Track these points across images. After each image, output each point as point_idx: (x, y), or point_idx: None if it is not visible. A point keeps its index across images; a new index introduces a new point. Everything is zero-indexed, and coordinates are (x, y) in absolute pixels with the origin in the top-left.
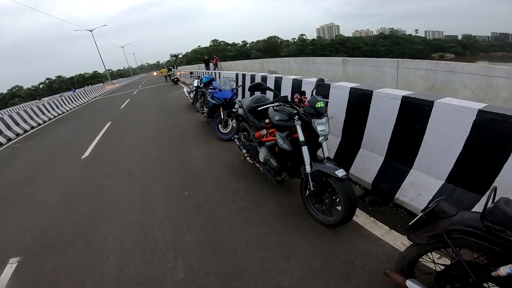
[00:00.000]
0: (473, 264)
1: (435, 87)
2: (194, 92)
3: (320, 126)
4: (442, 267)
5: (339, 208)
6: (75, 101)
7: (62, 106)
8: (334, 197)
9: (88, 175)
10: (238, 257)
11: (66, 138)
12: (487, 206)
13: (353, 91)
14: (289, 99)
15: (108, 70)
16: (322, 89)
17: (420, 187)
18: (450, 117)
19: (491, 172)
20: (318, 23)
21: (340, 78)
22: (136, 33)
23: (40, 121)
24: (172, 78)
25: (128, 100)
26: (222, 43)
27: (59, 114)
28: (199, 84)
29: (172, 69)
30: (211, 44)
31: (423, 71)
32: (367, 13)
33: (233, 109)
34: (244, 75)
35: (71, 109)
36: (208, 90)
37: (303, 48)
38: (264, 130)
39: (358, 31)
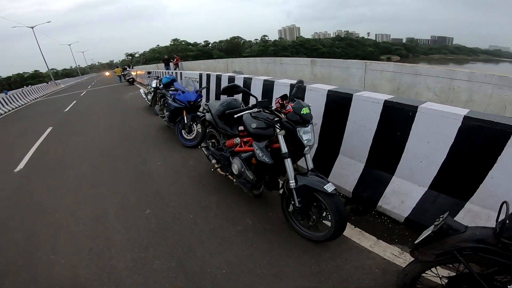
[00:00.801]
0: (482, 275)
1: (400, 89)
2: (152, 94)
3: (305, 135)
4: (446, 280)
5: (327, 222)
6: (9, 104)
7: None
8: (321, 212)
9: (23, 193)
10: (220, 284)
11: None
12: (500, 221)
13: (331, 94)
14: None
15: (52, 69)
16: (297, 91)
17: (403, 195)
18: (434, 123)
19: (476, 179)
20: (280, 24)
21: (308, 79)
22: (88, 32)
23: None
24: (127, 78)
25: (74, 102)
26: (183, 43)
27: None
28: (158, 85)
29: (128, 69)
30: (172, 43)
31: (390, 73)
32: (326, 16)
33: (198, 113)
34: (208, 76)
35: (2, 114)
36: (169, 91)
37: (265, 48)
38: (238, 138)
39: (317, 33)
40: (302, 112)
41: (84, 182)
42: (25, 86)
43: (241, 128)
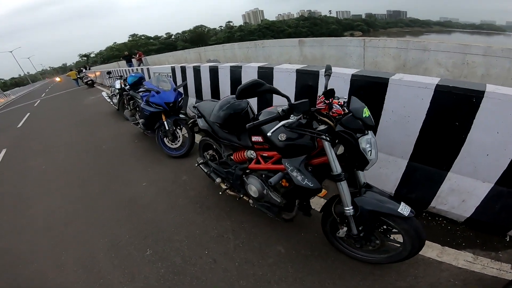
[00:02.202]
0: None
1: (406, 66)
2: (118, 96)
3: (369, 147)
4: None
5: (395, 244)
6: None
7: None
8: (387, 235)
9: None
10: None
11: None
12: None
13: (357, 79)
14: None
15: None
16: (327, 82)
17: (464, 193)
18: (505, 110)
19: None
20: (243, 9)
21: (297, 61)
22: (32, 36)
23: None
24: (86, 80)
25: (28, 114)
26: (142, 37)
27: None
28: (122, 86)
29: (84, 70)
30: (130, 39)
31: (393, 49)
32: None
33: (180, 116)
34: (183, 69)
35: None
36: (139, 93)
37: (231, 35)
38: (251, 152)
39: (281, 14)
40: (364, 115)
41: (56, 220)
42: None
43: (257, 138)
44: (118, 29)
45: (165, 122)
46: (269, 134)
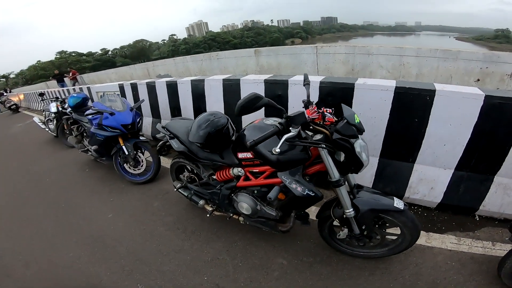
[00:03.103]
0: None
1: (354, 70)
2: (55, 121)
3: (362, 150)
4: None
5: (393, 236)
6: None
7: None
8: (385, 228)
9: None
10: None
11: None
12: None
13: (325, 86)
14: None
15: None
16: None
17: (430, 181)
18: (453, 104)
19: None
20: (186, 22)
21: (254, 71)
22: None
23: None
24: (8, 105)
25: None
26: (73, 54)
27: None
28: (60, 109)
29: (5, 94)
30: (58, 56)
31: (343, 55)
32: (231, 7)
33: (140, 138)
34: (135, 85)
35: None
36: (86, 116)
37: (176, 48)
38: (238, 169)
39: (225, 26)
40: (356, 121)
41: (11, 265)
42: None
43: (244, 155)
44: (41, 47)
45: (123, 147)
46: (277, 150)
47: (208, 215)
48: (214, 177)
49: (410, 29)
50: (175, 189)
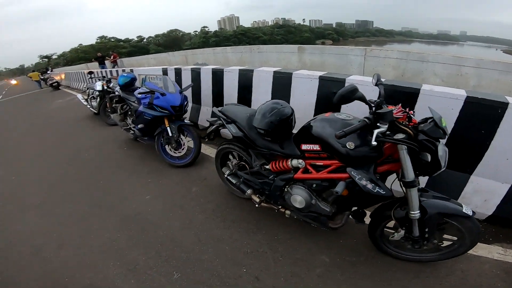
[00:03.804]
0: None
1: (404, 76)
2: (98, 99)
3: (443, 154)
4: None
5: (449, 241)
6: None
7: None
8: (443, 234)
9: None
10: None
11: None
12: None
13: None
14: None
15: None
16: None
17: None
18: None
19: None
20: (219, 15)
21: (295, 67)
22: None
23: None
24: (50, 82)
25: None
26: (112, 40)
27: None
28: (105, 87)
29: (48, 71)
30: (98, 41)
31: (394, 60)
32: (263, 4)
33: (185, 121)
34: (179, 71)
35: None
36: (137, 95)
37: (206, 40)
38: (299, 161)
39: (256, 21)
40: (443, 125)
41: (46, 244)
42: None
43: (310, 147)
44: (83, 31)
45: (168, 128)
46: (374, 143)
47: (257, 205)
48: (267, 167)
49: (454, 39)
50: (226, 175)
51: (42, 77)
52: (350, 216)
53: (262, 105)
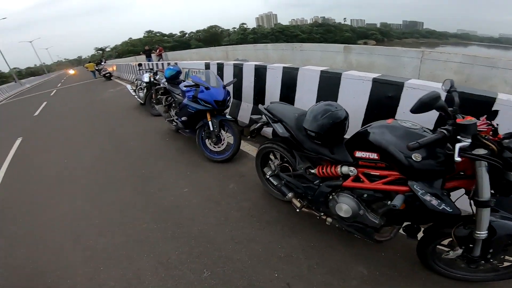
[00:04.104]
0: None
1: (469, 82)
2: (145, 90)
3: None
4: None
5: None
6: None
7: None
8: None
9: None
10: None
11: None
12: None
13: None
14: None
15: (15, 68)
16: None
17: None
18: None
19: None
20: (257, 12)
21: (340, 68)
22: (51, 28)
23: None
24: (104, 73)
25: (45, 103)
26: (158, 34)
27: None
28: (151, 79)
29: (102, 63)
30: (145, 35)
31: (456, 64)
32: (302, 2)
33: (227, 116)
34: (221, 66)
35: None
36: (183, 87)
37: (244, 37)
38: (351, 168)
39: (294, 19)
40: None
41: (87, 229)
42: None
43: (366, 154)
44: (133, 25)
45: (210, 122)
46: (458, 158)
47: (298, 210)
48: (312, 171)
49: None
50: (267, 176)
51: (96, 68)
52: (401, 230)
53: (314, 106)
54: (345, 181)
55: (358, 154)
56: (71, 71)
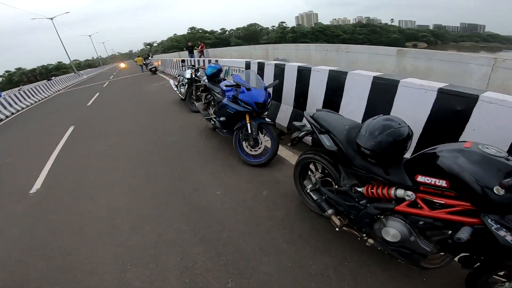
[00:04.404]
0: None
1: None
2: (186, 86)
3: None
4: None
5: None
6: (30, 97)
7: (18, 103)
8: None
9: (42, 230)
10: None
11: (13, 152)
12: None
13: None
14: None
15: (75, 60)
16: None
17: None
18: None
19: None
20: (297, 11)
21: (391, 72)
22: (107, 23)
23: None
24: (150, 67)
25: (97, 94)
26: (200, 31)
27: (12, 114)
28: (193, 76)
29: (149, 58)
30: (189, 31)
31: None
32: (344, 1)
33: (266, 119)
34: (262, 65)
35: (28, 106)
36: (223, 87)
37: (283, 35)
38: (406, 192)
39: (336, 19)
40: None
41: (121, 223)
42: (52, 77)
43: (432, 181)
44: (179, 21)
45: (248, 124)
46: (501, 191)
47: (337, 229)
48: (359, 189)
49: None
50: (307, 190)
51: (144, 62)
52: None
53: (371, 120)
54: (398, 205)
55: (421, 178)
56: (122, 65)
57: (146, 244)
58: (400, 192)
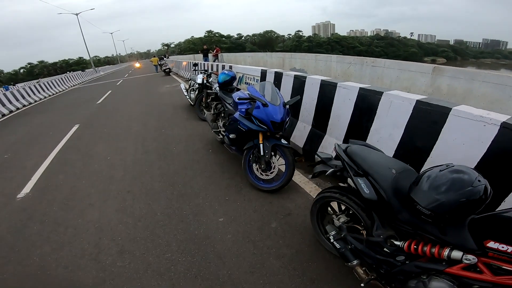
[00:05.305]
0: None
1: None
2: (196, 92)
3: None
4: None
5: None
6: (45, 90)
7: (32, 95)
8: None
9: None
10: None
11: (12, 148)
12: None
13: None
14: None
15: (95, 56)
16: None
17: None
18: None
19: None
20: (314, 20)
21: (422, 92)
22: (129, 21)
23: None
24: (164, 68)
25: (109, 92)
26: (217, 35)
27: (24, 106)
28: (205, 82)
29: (164, 58)
30: (206, 35)
31: None
32: (363, 13)
33: (282, 141)
34: (279, 75)
35: (41, 99)
36: (236, 99)
37: (299, 44)
38: (468, 256)
39: (353, 30)
40: None
41: (108, 246)
42: (68, 72)
43: (506, 247)
44: (197, 24)
45: (261, 145)
46: None
47: (362, 285)
48: (397, 243)
49: None
50: (332, 240)
51: (159, 63)
52: None
53: (434, 172)
54: (450, 267)
55: (493, 245)
56: (137, 64)
57: (132, 272)
58: (457, 255)
